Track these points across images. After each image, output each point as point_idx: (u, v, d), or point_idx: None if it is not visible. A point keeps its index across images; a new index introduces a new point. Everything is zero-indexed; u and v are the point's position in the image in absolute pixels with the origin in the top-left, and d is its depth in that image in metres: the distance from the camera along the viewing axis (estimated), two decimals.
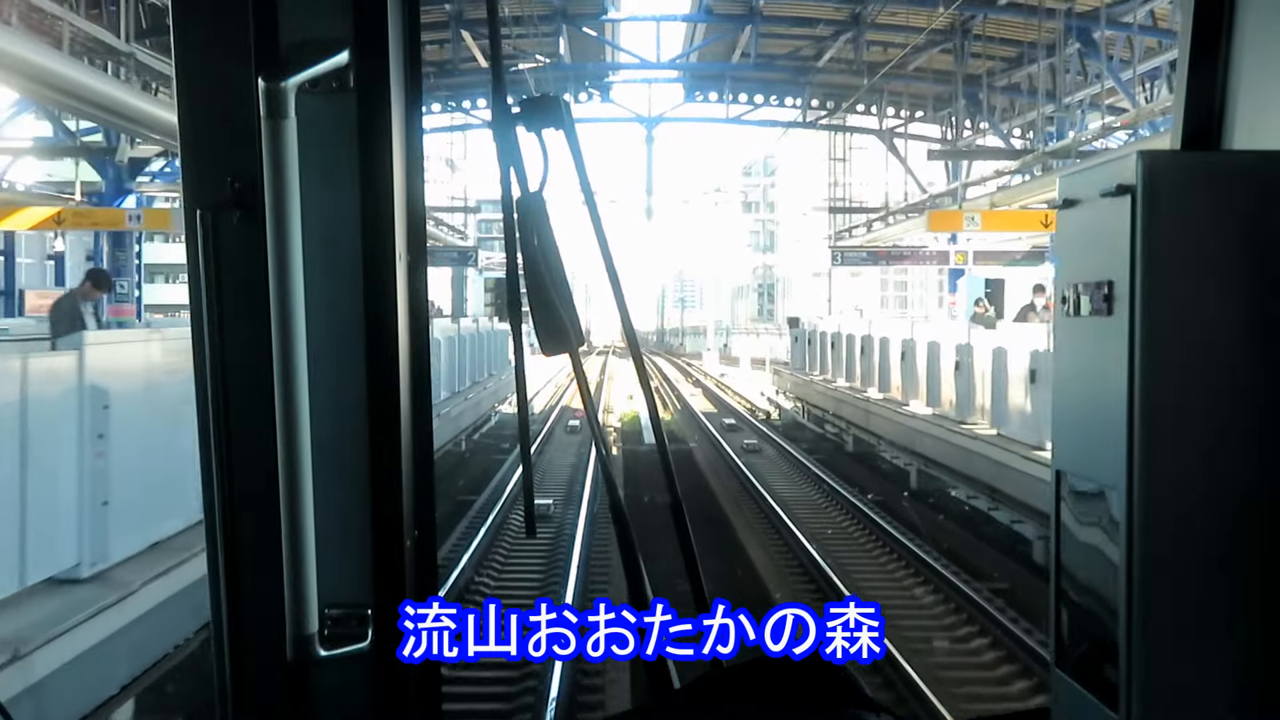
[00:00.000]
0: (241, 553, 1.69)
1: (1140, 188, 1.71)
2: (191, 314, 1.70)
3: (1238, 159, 1.94)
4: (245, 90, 1.60)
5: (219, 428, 1.68)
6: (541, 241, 1.72)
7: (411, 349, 1.74)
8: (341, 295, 1.69)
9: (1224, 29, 2.00)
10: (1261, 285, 1.73)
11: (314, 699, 1.71)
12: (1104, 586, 1.82)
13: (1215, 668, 1.77)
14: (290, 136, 1.59)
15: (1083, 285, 1.83)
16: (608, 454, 1.93)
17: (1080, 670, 1.89)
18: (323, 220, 1.66)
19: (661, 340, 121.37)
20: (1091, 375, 1.85)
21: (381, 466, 1.71)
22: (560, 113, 1.71)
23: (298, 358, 1.62)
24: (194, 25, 1.66)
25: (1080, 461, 1.90)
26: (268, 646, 1.67)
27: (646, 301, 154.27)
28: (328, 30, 1.64)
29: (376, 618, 1.71)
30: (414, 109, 1.73)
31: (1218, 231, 1.73)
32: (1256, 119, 1.97)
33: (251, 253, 1.62)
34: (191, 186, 1.67)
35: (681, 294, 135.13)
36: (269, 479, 1.63)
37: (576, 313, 1.77)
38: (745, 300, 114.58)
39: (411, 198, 1.73)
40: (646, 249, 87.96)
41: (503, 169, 1.70)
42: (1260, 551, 1.75)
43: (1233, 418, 1.74)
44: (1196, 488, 1.74)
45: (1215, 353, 1.74)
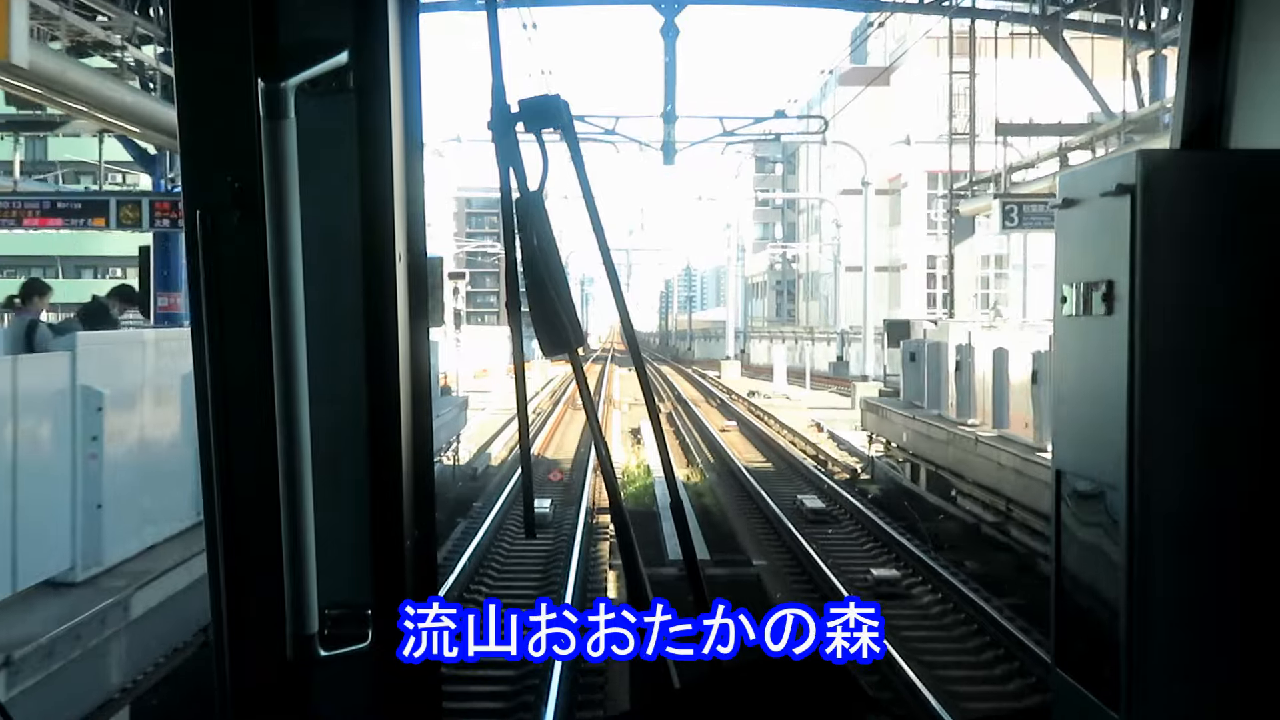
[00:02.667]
0: (242, 553, 1.69)
1: (1140, 187, 1.71)
2: (191, 314, 1.70)
3: (1237, 158, 1.94)
4: (245, 90, 1.60)
5: (219, 428, 1.67)
6: (541, 242, 1.71)
7: (411, 349, 1.74)
8: (341, 295, 1.69)
9: (1224, 29, 2.01)
10: (1261, 284, 1.73)
11: (314, 699, 1.71)
12: (1104, 586, 1.82)
13: (1214, 667, 1.77)
14: (290, 136, 1.59)
15: (1083, 285, 1.83)
16: (608, 454, 1.93)
17: (1080, 670, 1.89)
18: (323, 220, 1.66)
19: (666, 344, 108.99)
20: (1091, 375, 1.85)
21: (381, 467, 1.71)
22: (560, 113, 1.71)
23: (298, 358, 1.62)
24: (194, 25, 1.66)
25: (1080, 461, 1.90)
26: (268, 646, 1.67)
27: (648, 296, 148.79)
28: (328, 30, 1.64)
29: (376, 618, 1.71)
30: (414, 109, 1.73)
31: (1217, 230, 1.74)
32: (1256, 119, 1.97)
33: (251, 253, 1.62)
34: (191, 186, 1.67)
35: (690, 291, 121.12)
36: (269, 479, 1.63)
37: (576, 313, 1.77)
38: (764, 299, 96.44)
39: (411, 198, 1.72)
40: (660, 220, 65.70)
41: (502, 169, 1.70)
42: (1259, 551, 1.75)
43: (1232, 417, 1.75)
44: (1196, 487, 1.74)
45: (1215, 352, 1.74)
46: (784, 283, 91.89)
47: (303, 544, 1.64)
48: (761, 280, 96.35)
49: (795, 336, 63.26)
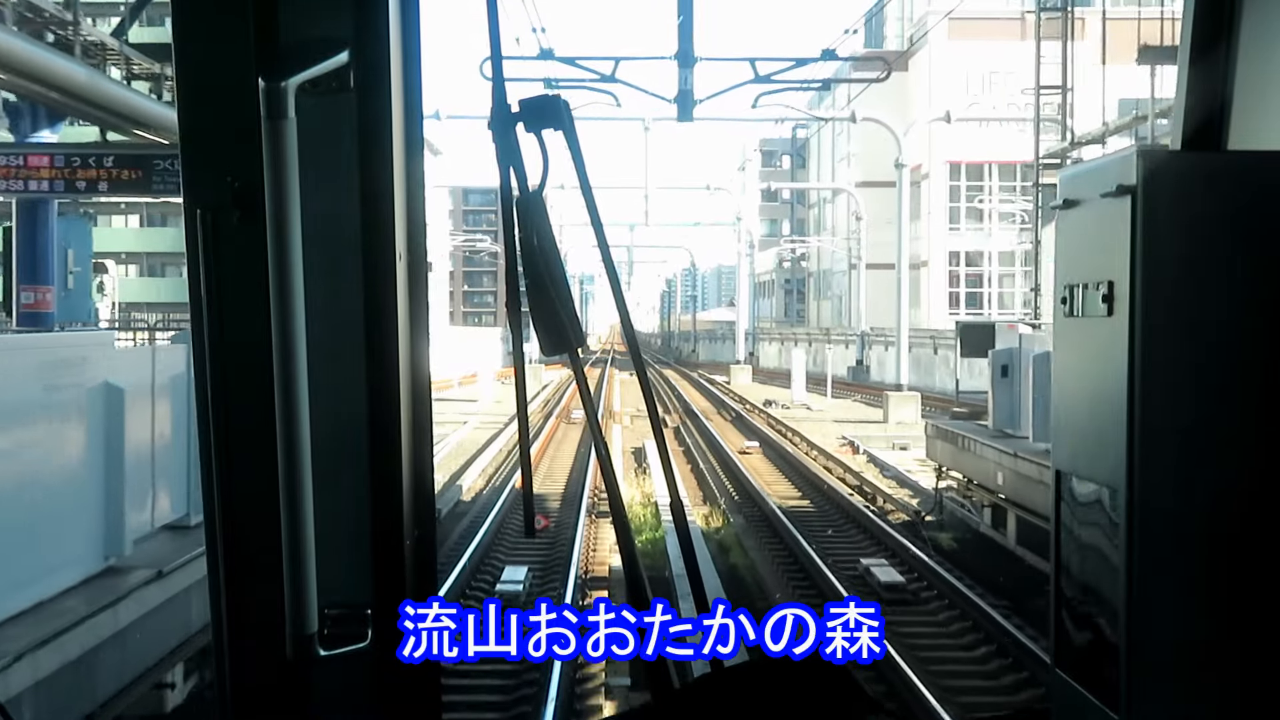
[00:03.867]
0: (242, 553, 1.69)
1: (1140, 188, 1.71)
2: (191, 314, 1.70)
3: (1237, 159, 1.94)
4: (245, 90, 1.60)
5: (219, 428, 1.68)
6: (541, 242, 1.72)
7: (411, 349, 1.74)
8: (341, 295, 1.69)
9: (1224, 29, 2.01)
10: (1261, 285, 1.73)
11: (314, 699, 1.71)
12: (1103, 587, 1.82)
13: (1213, 667, 1.77)
14: (290, 136, 1.59)
15: (1083, 285, 1.83)
16: (608, 454, 1.93)
17: (1079, 670, 1.89)
18: (323, 220, 1.66)
19: (668, 346, 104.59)
20: (1091, 375, 1.85)
21: (381, 466, 1.71)
22: (560, 113, 1.72)
23: (297, 357, 1.62)
24: (194, 25, 1.66)
25: (1080, 461, 1.91)
26: (268, 646, 1.67)
27: (649, 295, 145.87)
28: (328, 30, 1.64)
29: (376, 618, 1.71)
30: (414, 109, 1.73)
31: (1217, 231, 1.74)
32: (1256, 119, 1.97)
33: (251, 253, 1.62)
34: (191, 186, 1.67)
35: (695, 290, 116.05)
36: (269, 479, 1.63)
37: (576, 313, 1.77)
38: (771, 298, 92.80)
39: (411, 198, 1.73)
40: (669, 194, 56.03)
41: (502, 169, 1.70)
42: (1259, 551, 1.75)
43: (1232, 417, 1.75)
44: (1195, 488, 1.75)
45: (1215, 352, 1.74)
46: (793, 281, 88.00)
47: (302, 544, 1.64)
48: (769, 279, 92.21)
49: (810, 338, 58.68)
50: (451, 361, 44.24)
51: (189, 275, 1.69)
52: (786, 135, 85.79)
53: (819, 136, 73.09)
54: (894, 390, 33.60)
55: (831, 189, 64.03)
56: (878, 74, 24.15)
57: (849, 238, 58.08)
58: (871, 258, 50.13)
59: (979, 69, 30.08)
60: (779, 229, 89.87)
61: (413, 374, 1.74)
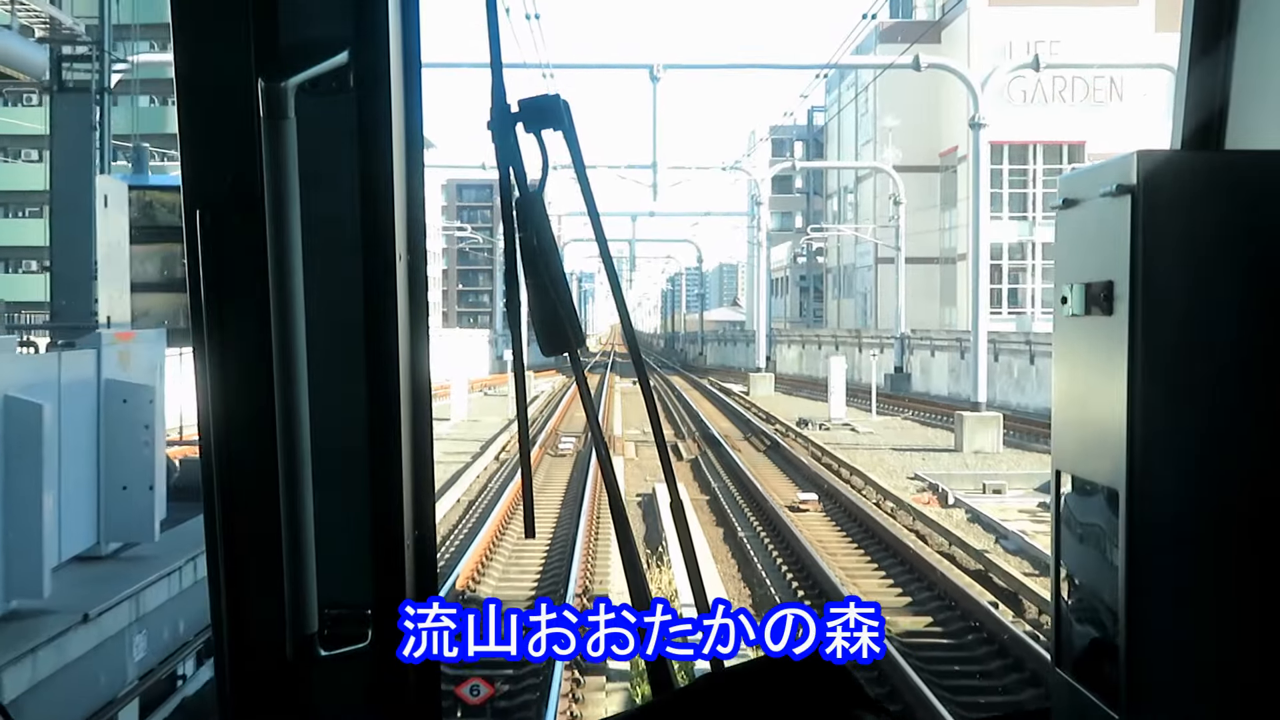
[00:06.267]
0: (241, 552, 1.69)
1: (1140, 188, 1.71)
2: (191, 314, 1.70)
3: (1237, 159, 1.94)
4: (245, 90, 1.60)
5: (219, 428, 1.68)
6: (541, 242, 1.72)
7: (411, 349, 1.74)
8: (341, 295, 1.69)
9: (1224, 29, 2.01)
10: (1261, 285, 1.73)
11: (314, 699, 1.71)
12: (1103, 586, 1.82)
13: (1213, 667, 1.77)
14: (290, 136, 1.59)
15: (1083, 285, 1.83)
16: (608, 455, 1.93)
17: (1080, 670, 1.89)
18: (322, 221, 1.66)
19: (672, 348, 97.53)
20: (1091, 375, 1.85)
21: (381, 466, 1.71)
22: (560, 113, 1.72)
23: (297, 357, 1.62)
24: (194, 25, 1.66)
25: (1080, 461, 1.91)
26: (268, 646, 1.67)
27: (650, 294, 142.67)
28: (328, 30, 1.64)
29: (376, 618, 1.71)
30: (414, 109, 1.73)
31: (1217, 231, 1.74)
32: (1256, 119, 1.97)
33: (251, 253, 1.62)
34: (191, 186, 1.67)
35: (702, 288, 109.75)
36: (269, 479, 1.63)
37: (576, 313, 1.77)
38: (785, 296, 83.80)
39: (411, 198, 1.73)
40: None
41: (501, 169, 1.70)
42: (1258, 551, 1.75)
43: (1232, 417, 1.75)
44: (1195, 488, 1.75)
45: (1214, 353, 1.74)
46: (809, 278, 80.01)
47: (302, 544, 1.64)
48: (781, 275, 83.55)
49: (836, 341, 52.64)
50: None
51: (189, 275, 1.69)
52: (798, 122, 77.76)
53: (839, 120, 68.31)
54: (970, 410, 26.89)
55: (872, 167, 57.18)
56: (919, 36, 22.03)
57: (881, 227, 53.62)
58: (908, 250, 46.06)
59: (1022, 39, 27.40)
60: (791, 222, 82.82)
61: (413, 374, 1.74)
